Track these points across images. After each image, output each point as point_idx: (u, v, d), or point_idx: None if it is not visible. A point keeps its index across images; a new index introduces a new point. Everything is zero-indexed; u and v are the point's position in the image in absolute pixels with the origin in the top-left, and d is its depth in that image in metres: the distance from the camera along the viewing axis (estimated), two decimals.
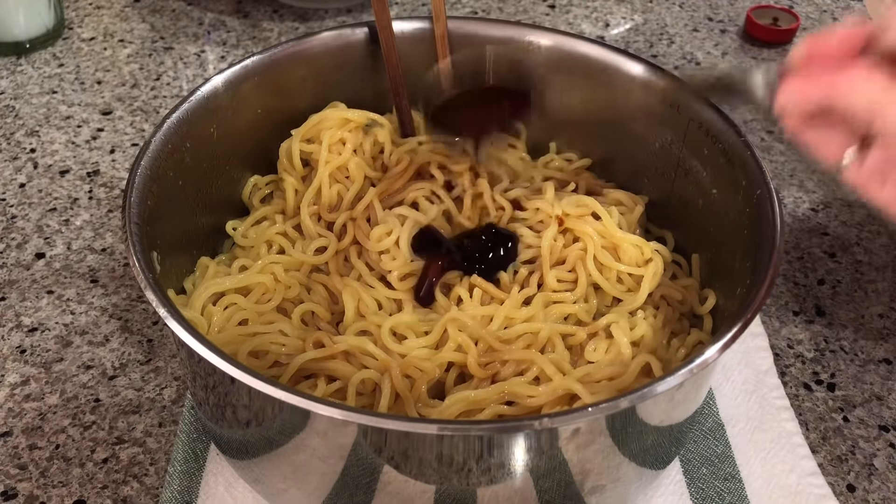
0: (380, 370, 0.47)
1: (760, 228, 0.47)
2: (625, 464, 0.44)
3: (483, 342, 0.49)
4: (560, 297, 0.53)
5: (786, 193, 0.73)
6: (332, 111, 0.59)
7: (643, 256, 0.54)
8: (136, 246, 0.44)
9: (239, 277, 0.53)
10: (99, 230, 0.69)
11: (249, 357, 0.48)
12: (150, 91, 0.83)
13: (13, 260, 0.66)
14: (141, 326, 0.61)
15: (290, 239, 0.57)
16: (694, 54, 0.90)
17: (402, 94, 0.60)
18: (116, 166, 0.74)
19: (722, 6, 0.98)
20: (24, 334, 0.61)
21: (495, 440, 0.39)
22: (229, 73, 0.55)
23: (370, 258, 0.54)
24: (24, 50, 0.86)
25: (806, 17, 0.96)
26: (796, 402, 0.58)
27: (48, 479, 0.52)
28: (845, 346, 0.62)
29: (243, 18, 0.93)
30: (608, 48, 0.58)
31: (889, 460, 0.55)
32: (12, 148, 0.76)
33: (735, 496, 0.52)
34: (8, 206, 0.71)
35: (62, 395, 0.57)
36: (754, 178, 0.49)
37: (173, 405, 0.56)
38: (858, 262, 0.68)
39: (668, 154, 0.57)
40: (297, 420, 0.40)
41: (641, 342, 0.50)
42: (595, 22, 0.94)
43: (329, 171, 0.57)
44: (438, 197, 0.58)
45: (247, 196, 0.60)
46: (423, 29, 0.60)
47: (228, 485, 0.52)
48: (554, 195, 0.57)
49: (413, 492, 0.41)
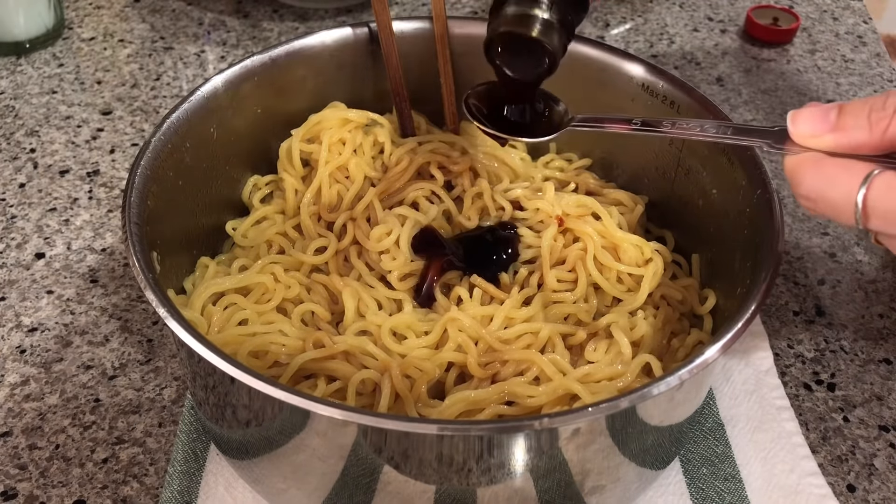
0: (380, 370, 0.47)
1: (760, 228, 0.47)
2: (625, 464, 0.44)
3: (483, 342, 0.49)
4: (560, 297, 0.53)
5: (786, 193, 0.73)
6: (332, 111, 0.59)
7: (643, 256, 0.54)
8: (136, 246, 0.44)
9: (239, 277, 0.53)
10: (99, 230, 0.69)
11: (249, 357, 0.48)
12: (150, 91, 0.83)
13: (13, 260, 0.66)
14: (141, 326, 0.61)
15: (290, 239, 0.57)
16: (694, 54, 0.90)
17: (402, 94, 0.60)
18: (116, 166, 0.74)
19: (722, 6, 0.98)
20: (23, 334, 0.61)
21: (495, 440, 0.39)
22: (229, 73, 0.55)
23: (370, 258, 0.54)
24: (24, 50, 0.86)
25: (806, 17, 0.96)
26: (796, 402, 0.58)
27: (48, 479, 0.52)
28: (845, 346, 0.62)
29: (243, 18, 0.93)
30: (608, 48, 0.58)
31: (889, 460, 0.55)
32: (12, 148, 0.76)
33: (735, 496, 0.52)
34: (8, 206, 0.71)
35: (62, 395, 0.57)
36: (754, 178, 0.49)
37: (173, 405, 0.56)
38: (858, 262, 0.68)
39: (668, 154, 0.57)
40: (297, 420, 0.40)
41: (641, 342, 0.50)
42: (595, 22, 0.94)
43: (329, 171, 0.57)
44: (438, 197, 0.58)
45: (247, 196, 0.60)
46: (423, 29, 0.60)
47: (228, 485, 0.52)
48: (554, 195, 0.57)
49: (413, 492, 0.41)
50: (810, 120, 0.41)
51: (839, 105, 0.41)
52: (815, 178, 0.40)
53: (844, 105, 0.40)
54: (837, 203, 0.40)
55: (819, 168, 0.40)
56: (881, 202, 0.38)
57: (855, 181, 0.39)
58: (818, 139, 0.41)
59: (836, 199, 0.40)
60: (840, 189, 0.39)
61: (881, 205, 0.38)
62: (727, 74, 0.87)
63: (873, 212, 0.39)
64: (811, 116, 0.41)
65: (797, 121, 0.41)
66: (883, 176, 0.38)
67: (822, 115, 0.40)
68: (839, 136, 0.40)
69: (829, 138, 0.40)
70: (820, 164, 0.40)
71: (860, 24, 0.95)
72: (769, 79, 0.86)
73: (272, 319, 0.51)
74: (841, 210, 0.40)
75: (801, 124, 0.41)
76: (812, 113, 0.41)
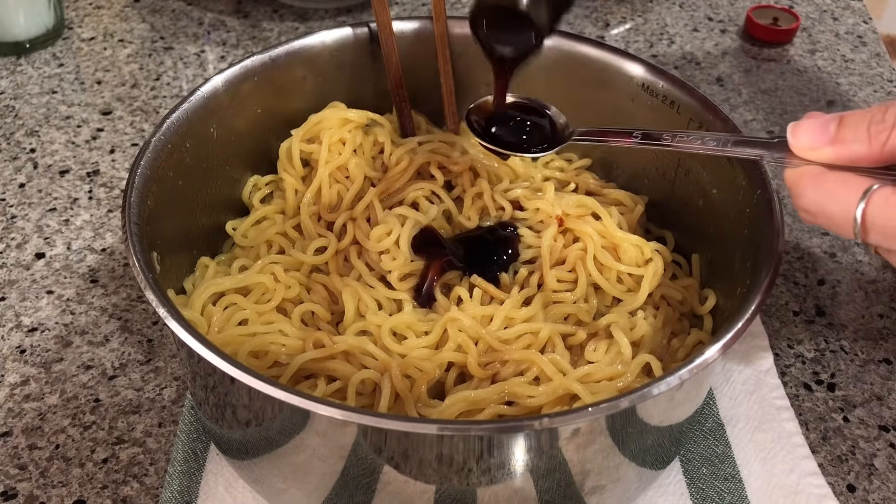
0: (380, 370, 0.47)
1: (760, 228, 0.47)
2: (625, 464, 0.44)
3: (483, 342, 0.49)
4: (560, 297, 0.53)
5: (786, 193, 0.73)
6: (332, 111, 0.59)
7: (643, 256, 0.54)
8: (136, 246, 0.44)
9: (239, 277, 0.53)
10: (99, 230, 0.69)
11: (249, 357, 0.48)
12: (150, 91, 0.83)
13: (13, 260, 0.66)
14: (141, 326, 0.61)
15: (290, 239, 0.57)
16: (694, 54, 0.90)
17: (402, 94, 0.60)
18: (116, 166, 0.74)
19: (722, 6, 0.98)
20: (23, 334, 0.61)
21: (495, 440, 0.39)
22: (229, 73, 0.55)
23: (370, 258, 0.54)
24: (24, 50, 0.86)
25: (806, 17, 0.96)
26: (796, 402, 0.58)
27: (48, 479, 0.52)
28: (845, 346, 0.62)
29: (243, 18, 0.93)
30: (608, 48, 0.58)
31: (889, 460, 0.55)
32: (12, 148, 0.76)
33: (735, 496, 0.52)
34: (8, 206, 0.71)
35: (62, 395, 0.57)
36: (754, 178, 0.49)
37: (173, 405, 0.56)
38: (858, 262, 0.68)
39: (668, 154, 0.57)
40: (297, 420, 0.40)
41: (641, 342, 0.50)
42: (595, 22, 0.94)
43: (329, 171, 0.57)
44: (438, 197, 0.58)
45: (247, 196, 0.60)
46: (423, 29, 0.60)
47: (228, 485, 0.52)
48: (554, 195, 0.57)
49: (413, 492, 0.41)
50: (810, 132, 0.41)
51: (840, 117, 0.40)
52: (814, 193, 0.40)
53: (845, 116, 0.40)
54: (836, 218, 0.40)
55: (818, 182, 0.40)
56: (880, 218, 0.39)
57: (854, 196, 0.39)
58: (817, 152, 0.41)
59: (835, 214, 0.40)
60: (839, 204, 0.40)
61: (880, 220, 0.39)
62: (727, 74, 0.87)
63: (872, 227, 0.39)
64: (811, 129, 0.41)
65: (797, 133, 0.41)
66: (881, 191, 0.38)
67: (822, 128, 0.40)
68: (838, 148, 0.40)
69: (829, 151, 0.40)
70: (819, 179, 0.40)
71: (860, 24, 0.95)
72: (769, 79, 0.86)
73: (272, 319, 0.51)
74: (840, 225, 0.40)
75: (801, 136, 0.41)
76: (811, 125, 0.41)
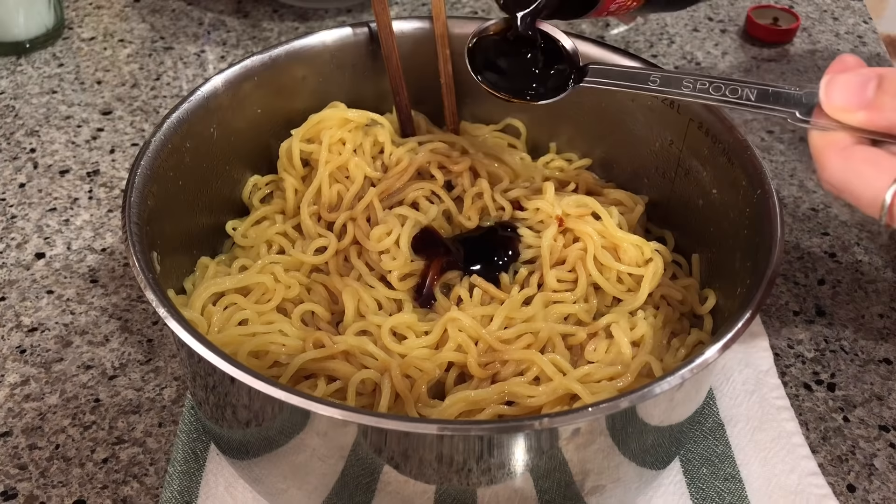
0: (380, 370, 0.47)
1: (760, 228, 0.47)
2: (625, 464, 0.44)
3: (483, 342, 0.49)
4: (560, 297, 0.53)
5: (786, 193, 0.73)
6: (332, 111, 0.59)
7: (643, 256, 0.54)
8: (136, 246, 0.44)
9: (239, 277, 0.53)
10: (99, 230, 0.69)
11: (249, 357, 0.48)
12: (150, 91, 0.83)
13: (13, 260, 0.66)
14: (141, 326, 0.61)
15: (290, 239, 0.57)
16: (694, 54, 0.90)
17: (402, 94, 0.60)
18: (116, 166, 0.74)
19: (722, 6, 0.98)
20: (23, 334, 0.61)
21: (495, 440, 0.39)
22: (229, 73, 0.55)
23: (370, 258, 0.54)
24: (24, 50, 0.86)
25: (806, 17, 0.96)
26: (796, 402, 0.58)
27: (48, 479, 0.52)
28: (845, 346, 0.62)
29: (243, 18, 0.93)
30: (608, 48, 0.58)
31: (889, 460, 0.55)
32: (12, 148, 0.76)
33: (735, 496, 0.52)
34: (8, 206, 0.71)
35: (62, 395, 0.57)
36: (754, 178, 0.49)
37: (173, 405, 0.56)
38: (858, 262, 0.68)
39: (668, 154, 0.57)
40: (297, 420, 0.40)
41: (641, 342, 0.50)
42: (595, 22, 0.94)
43: (329, 171, 0.57)
44: (438, 197, 0.58)
45: (247, 196, 0.60)
46: (423, 29, 0.60)
47: (228, 485, 0.52)
48: (554, 195, 0.57)
49: (413, 492, 0.41)
50: (845, 91, 0.38)
51: (879, 76, 0.37)
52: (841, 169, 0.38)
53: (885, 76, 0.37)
54: (863, 197, 0.37)
55: (846, 158, 0.37)
56: None
57: (884, 179, 0.36)
58: (850, 115, 0.37)
59: (862, 194, 0.37)
60: (867, 184, 0.37)
61: None
62: (727, 74, 0.87)
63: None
64: (846, 87, 0.38)
65: (831, 90, 0.38)
66: None
67: (859, 88, 0.37)
68: (873, 115, 0.37)
69: (862, 115, 0.37)
70: (847, 154, 0.38)
71: (860, 24, 0.95)
72: (769, 79, 0.86)
73: (272, 319, 0.51)
74: (866, 205, 0.37)
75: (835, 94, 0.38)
76: (848, 83, 0.38)
